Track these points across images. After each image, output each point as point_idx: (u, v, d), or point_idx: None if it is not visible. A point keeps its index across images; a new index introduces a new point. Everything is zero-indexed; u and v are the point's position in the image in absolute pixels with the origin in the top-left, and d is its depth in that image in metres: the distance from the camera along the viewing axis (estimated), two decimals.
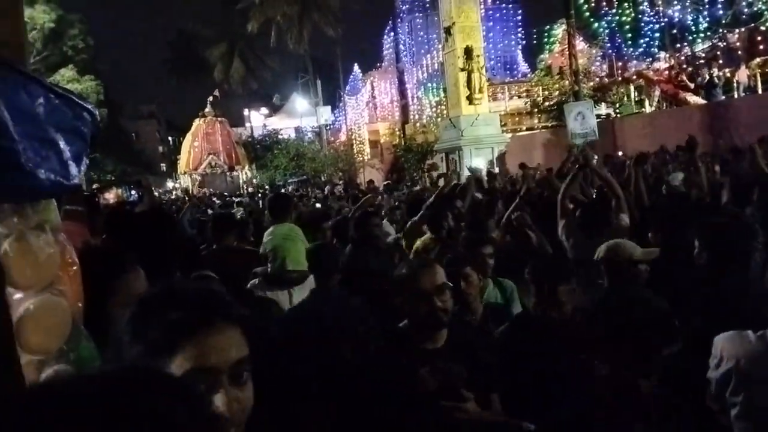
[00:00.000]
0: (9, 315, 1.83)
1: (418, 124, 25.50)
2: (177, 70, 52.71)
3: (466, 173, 15.32)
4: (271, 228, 4.80)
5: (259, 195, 17.90)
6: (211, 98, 37.47)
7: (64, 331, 1.95)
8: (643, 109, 19.79)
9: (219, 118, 36.23)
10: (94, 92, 32.06)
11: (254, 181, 33.40)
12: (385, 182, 17.55)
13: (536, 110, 22.28)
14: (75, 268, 1.86)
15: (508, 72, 29.31)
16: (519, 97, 24.40)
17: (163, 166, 61.51)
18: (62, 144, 1.45)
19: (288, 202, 5.41)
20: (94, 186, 15.91)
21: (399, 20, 29.22)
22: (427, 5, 28.43)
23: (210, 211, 12.87)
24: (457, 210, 5.93)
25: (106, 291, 1.91)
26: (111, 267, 1.97)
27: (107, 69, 39.73)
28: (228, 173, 34.61)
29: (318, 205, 11.50)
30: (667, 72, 20.77)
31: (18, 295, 1.87)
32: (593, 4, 24.17)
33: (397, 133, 26.64)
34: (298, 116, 41.65)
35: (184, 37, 50.58)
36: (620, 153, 14.09)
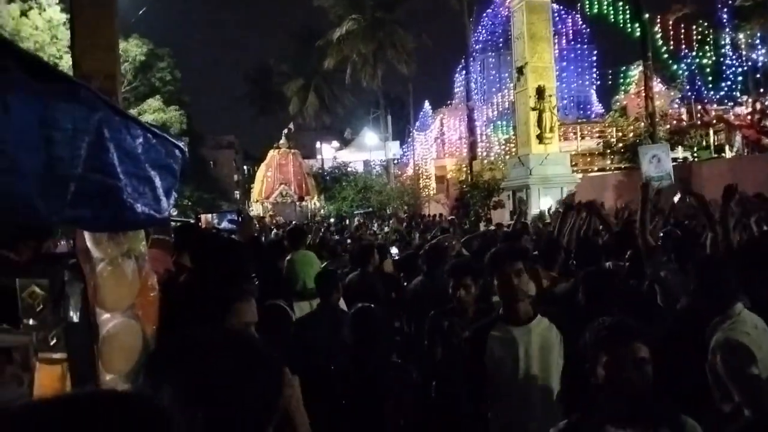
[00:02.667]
0: (96, 334, 1.97)
1: (485, 161, 25.41)
2: (256, 103, 55.06)
3: (534, 211, 15.30)
4: (289, 255, 5.79)
5: (325, 226, 18.26)
6: (286, 131, 38.95)
7: (138, 354, 2.07)
8: (723, 154, 19.08)
9: (292, 150, 37.51)
10: (178, 122, 33.74)
11: (322, 211, 34.09)
12: (450, 217, 17.51)
13: (609, 151, 21.82)
14: (154, 294, 1.99)
15: (581, 112, 28.97)
16: (591, 137, 23.99)
17: (237, 194, 63.65)
18: (156, 180, 1.59)
19: (303, 234, 6.63)
20: (199, 212, 16.61)
21: (471, 59, 29.50)
22: (500, 45, 28.63)
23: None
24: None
25: (217, 316, 1.98)
26: (225, 295, 2.05)
27: (191, 100, 41.80)
28: (298, 203, 35.51)
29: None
30: (749, 117, 20.01)
31: (105, 316, 2.01)
32: (672, 47, 23.70)
33: (464, 169, 26.63)
34: (368, 150, 42.42)
35: (263, 72, 52.89)
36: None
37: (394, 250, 7.40)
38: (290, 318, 3.24)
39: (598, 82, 29.40)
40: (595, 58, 29.37)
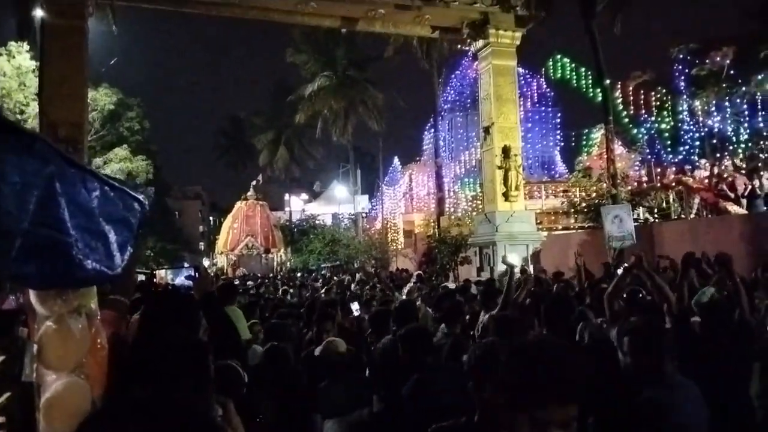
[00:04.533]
0: (37, 395, 1.86)
1: (453, 217, 25.70)
2: (225, 154, 55.30)
3: (500, 267, 15.37)
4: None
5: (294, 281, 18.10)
6: (254, 182, 39.05)
7: (85, 414, 1.97)
8: (682, 216, 19.61)
9: (260, 202, 37.58)
10: (144, 171, 33.39)
11: (288, 264, 33.82)
12: (417, 272, 17.51)
13: (573, 210, 22.29)
14: (104, 353, 1.90)
15: (545, 171, 29.66)
16: (556, 196, 24.52)
17: (202, 245, 62.78)
18: (111, 235, 1.54)
19: (234, 290, 7.06)
20: (153, 268, 16.29)
21: (440, 118, 30.20)
22: (468, 105, 29.38)
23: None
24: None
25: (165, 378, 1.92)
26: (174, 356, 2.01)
27: (159, 150, 41.61)
28: (263, 255, 35.25)
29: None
30: (707, 180, 20.70)
31: (51, 376, 1.91)
32: (632, 111, 24.61)
33: (432, 224, 26.89)
34: (337, 203, 42.73)
35: (235, 124, 53.29)
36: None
37: (355, 306, 7.27)
38: (243, 379, 3.14)
39: (562, 143, 30.30)
40: (559, 120, 30.33)
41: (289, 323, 6.20)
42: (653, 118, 24.67)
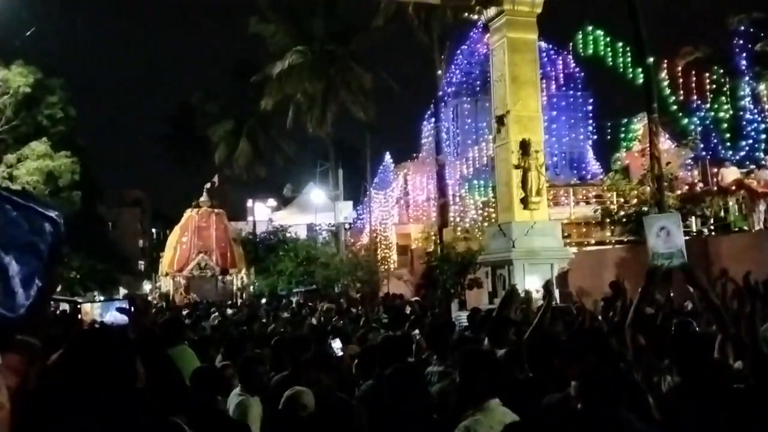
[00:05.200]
0: None
1: (459, 229, 25.75)
2: (173, 150, 55.20)
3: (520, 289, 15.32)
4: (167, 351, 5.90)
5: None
6: (208, 185, 38.86)
7: None
8: (746, 227, 19.64)
9: (216, 210, 37.39)
10: (69, 171, 33.30)
11: (251, 288, 33.72)
12: (415, 298, 17.51)
13: (608, 220, 22.32)
14: (3, 413, 1.86)
15: (574, 172, 29.73)
16: (587, 203, 24.56)
17: (142, 264, 62.55)
18: (12, 267, 1.50)
19: (180, 326, 7.35)
20: (78, 301, 16.11)
21: (443, 105, 30.29)
22: (478, 89, 29.41)
23: None
24: None
25: None
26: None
27: (88, 144, 41.44)
28: (220, 277, 35.03)
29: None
30: None
31: None
32: (682, 97, 24.61)
33: (433, 237, 26.93)
34: (313, 212, 42.63)
35: (184, 112, 53.10)
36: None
37: (336, 345, 7.25)
38: None
39: (595, 137, 30.24)
40: (591, 107, 30.31)
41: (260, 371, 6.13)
42: (708, 105, 24.68)
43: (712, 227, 20.84)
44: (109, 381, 2.26)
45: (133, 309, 3.37)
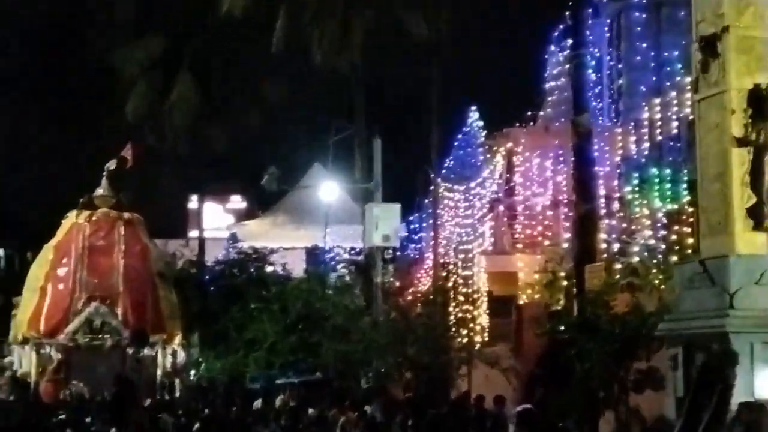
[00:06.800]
0: None
1: (618, 267, 17.48)
2: (39, 93, 36.05)
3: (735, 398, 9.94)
4: None
5: None
6: (111, 164, 23.33)
7: None
8: None
9: (126, 215, 22.90)
10: None
11: (192, 373, 21.89)
12: (522, 407, 10.08)
13: None
14: None
15: None
16: None
17: None
18: None
19: None
20: None
21: (589, 14, 20.84)
22: None
23: None
24: None
25: None
26: None
27: None
28: (129, 349, 21.50)
29: None
30: None
31: None
32: None
33: (564, 283, 17.95)
34: (319, 222, 27.64)
35: (68, 18, 34.01)
36: None
37: None
38: None
39: None
40: None
41: None
42: None
43: None
44: None
45: None
